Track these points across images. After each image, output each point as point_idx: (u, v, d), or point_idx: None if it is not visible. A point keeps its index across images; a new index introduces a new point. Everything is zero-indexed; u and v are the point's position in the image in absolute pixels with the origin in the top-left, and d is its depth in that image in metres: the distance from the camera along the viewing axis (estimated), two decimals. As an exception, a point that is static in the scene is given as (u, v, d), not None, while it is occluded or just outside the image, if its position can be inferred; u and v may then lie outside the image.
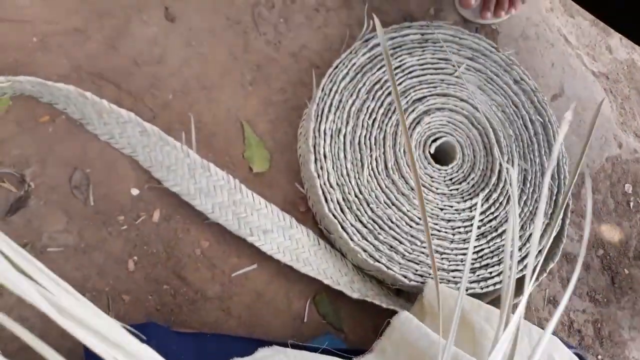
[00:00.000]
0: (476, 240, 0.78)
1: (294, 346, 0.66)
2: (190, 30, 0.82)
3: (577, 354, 0.67)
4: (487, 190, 0.80)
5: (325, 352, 0.63)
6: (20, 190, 0.69)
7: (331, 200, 0.74)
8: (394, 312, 0.74)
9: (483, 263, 0.78)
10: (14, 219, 0.68)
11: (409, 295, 0.79)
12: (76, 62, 0.75)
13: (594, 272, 0.93)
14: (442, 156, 0.82)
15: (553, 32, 1.04)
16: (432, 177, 0.79)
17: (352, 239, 0.73)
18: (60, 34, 0.75)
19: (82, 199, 0.71)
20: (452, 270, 0.76)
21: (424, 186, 0.78)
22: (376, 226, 0.75)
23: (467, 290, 0.77)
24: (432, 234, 0.77)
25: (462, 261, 0.76)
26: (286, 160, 0.81)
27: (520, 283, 0.82)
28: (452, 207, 0.79)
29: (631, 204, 1.00)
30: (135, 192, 0.74)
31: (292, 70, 0.85)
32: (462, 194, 0.80)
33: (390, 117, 0.80)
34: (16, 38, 0.73)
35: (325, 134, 0.76)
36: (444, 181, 0.80)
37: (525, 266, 0.79)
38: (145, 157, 0.72)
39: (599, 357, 0.88)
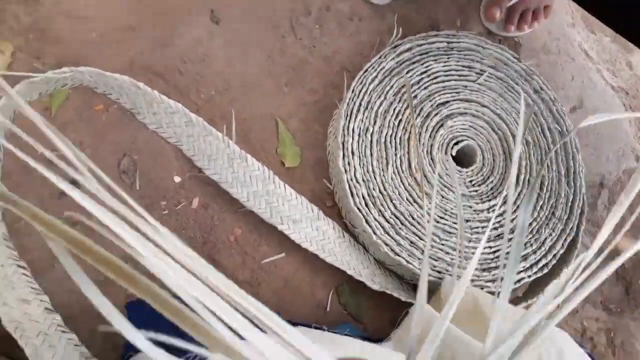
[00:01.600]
0: (492, 241, 0.82)
1: (317, 329, 0.71)
2: (233, 32, 0.89)
3: (588, 354, 0.70)
4: (505, 193, 0.85)
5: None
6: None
7: (357, 195, 0.79)
8: (411, 305, 0.79)
9: (498, 263, 0.82)
10: (68, 198, 0.75)
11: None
12: (129, 57, 0.82)
13: (608, 282, 0.96)
14: (463, 159, 0.87)
15: (574, 47, 1.08)
16: (452, 178, 0.84)
17: (375, 233, 0.78)
18: (117, 31, 0.82)
19: (129, 183, 0.78)
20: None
21: (444, 186, 0.83)
22: (398, 222, 0.80)
23: (482, 288, 0.81)
24: (449, 232, 0.81)
25: (479, 260, 0.81)
26: (315, 157, 0.87)
27: (539, 283, 0.86)
28: (471, 207, 0.83)
29: (646, 215, 1.03)
30: (177, 179, 0.80)
31: (324, 73, 0.91)
32: (480, 196, 0.84)
33: (415, 119, 0.85)
34: (78, 33, 0.81)
35: (353, 132, 0.81)
36: (464, 182, 0.85)
37: (541, 267, 0.83)
38: (189, 146, 0.79)
39: (609, 361, 0.91)
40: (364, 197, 0.79)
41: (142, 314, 0.60)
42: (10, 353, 0.59)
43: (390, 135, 0.83)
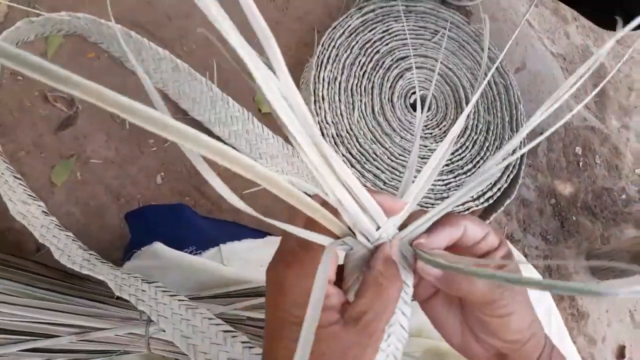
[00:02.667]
0: (446, 175, 0.94)
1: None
2: (212, -8, 0.97)
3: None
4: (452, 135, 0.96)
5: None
6: (70, 111, 0.83)
7: (327, 134, 0.89)
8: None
9: (449, 194, 0.93)
10: (64, 134, 0.82)
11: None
12: (119, 12, 0.90)
13: (546, 216, 1.10)
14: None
15: (519, 17, 1.21)
16: (410, 122, 0.95)
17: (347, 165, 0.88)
18: (106, -13, 0.90)
19: (120, 122, 0.86)
20: (424, 197, 0.91)
21: (404, 129, 0.94)
22: (363, 158, 0.90)
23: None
24: (405, 167, 0.92)
25: (432, 190, 0.92)
26: (289, 105, 0.97)
27: (487, 212, 0.98)
28: (426, 147, 0.95)
29: (580, 163, 1.17)
30: (163, 120, 0.88)
31: (296, 32, 1.01)
32: (434, 137, 0.96)
33: (378, 71, 0.95)
34: (70, -12, 0.88)
35: (323, 80, 0.91)
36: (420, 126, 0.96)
37: (487, 199, 0.95)
38: (175, 90, 0.87)
39: (548, 286, 1.04)
40: (333, 137, 0.90)
41: (140, 221, 0.69)
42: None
43: (356, 84, 0.94)
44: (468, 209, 0.93)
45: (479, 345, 0.31)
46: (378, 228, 0.28)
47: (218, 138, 0.88)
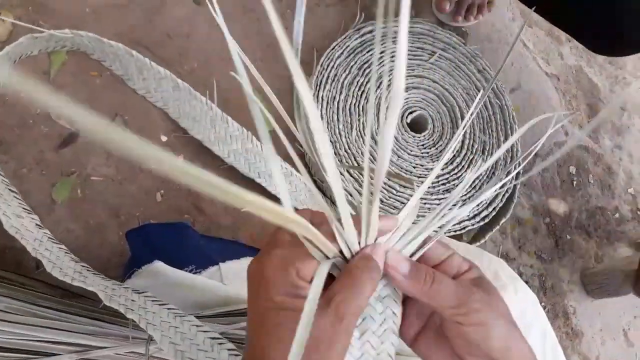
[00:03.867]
0: (442, 194, 0.95)
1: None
2: (212, 13, 0.99)
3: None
4: (452, 155, 0.98)
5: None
6: (72, 128, 0.84)
7: (325, 153, 0.90)
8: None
9: (446, 212, 0.94)
10: (65, 151, 0.83)
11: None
12: (121, 30, 0.91)
13: (541, 235, 1.11)
14: (416, 126, 1.00)
15: (513, 38, 1.24)
16: (407, 142, 0.97)
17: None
18: (109, 7, 0.91)
19: (121, 140, 0.87)
20: (419, 216, 0.92)
21: (401, 148, 0.95)
22: (361, 177, 0.91)
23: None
24: (405, 186, 0.93)
25: (429, 209, 0.93)
26: (287, 125, 0.98)
27: (482, 232, 0.99)
28: (422, 166, 0.96)
29: (574, 182, 1.18)
30: (164, 138, 0.89)
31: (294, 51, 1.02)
32: (431, 157, 0.97)
33: (375, 91, 0.97)
34: (73, 8, 0.89)
35: (322, 100, 0.93)
36: (417, 146, 0.97)
37: (482, 218, 0.96)
38: (175, 109, 0.88)
39: (543, 304, 1.05)
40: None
41: (141, 239, 0.70)
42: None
43: (354, 104, 0.95)
44: (464, 228, 0.94)
45: None
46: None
47: (217, 157, 0.89)
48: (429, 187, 0.95)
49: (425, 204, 0.93)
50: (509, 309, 0.32)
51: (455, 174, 0.97)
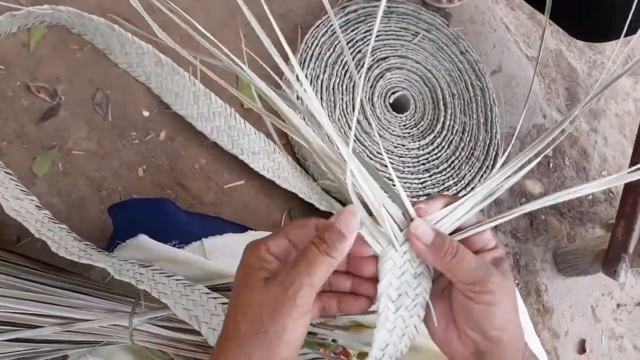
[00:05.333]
0: (422, 173, 0.97)
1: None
2: (197, -14, 0.98)
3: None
4: (432, 135, 1.00)
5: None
6: (53, 101, 0.83)
7: (308, 131, 0.91)
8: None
9: (425, 192, 0.97)
10: (46, 124, 0.82)
11: (366, 215, 0.97)
12: (102, 4, 0.90)
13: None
14: (398, 106, 1.01)
15: (496, 20, 1.25)
16: (389, 122, 0.98)
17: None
18: (90, -22, 0.90)
19: (102, 115, 0.86)
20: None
21: (383, 128, 0.97)
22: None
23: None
24: (386, 165, 0.95)
25: (408, 188, 0.95)
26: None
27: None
28: (404, 146, 0.97)
29: (550, 164, 1.21)
30: (146, 113, 0.89)
31: (280, 28, 1.02)
32: (412, 137, 0.99)
33: (359, 70, 0.98)
34: (53, -23, 0.87)
35: (306, 78, 0.93)
36: (399, 126, 0.99)
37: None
38: (158, 84, 0.88)
39: (516, 281, 1.09)
40: (313, 134, 0.92)
41: (123, 215, 0.70)
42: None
43: (338, 83, 0.96)
44: (442, 207, 0.96)
45: (459, 342, 0.33)
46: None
47: (200, 133, 0.89)
48: (409, 167, 0.97)
49: (405, 183, 0.95)
50: (516, 293, 0.33)
51: (436, 154, 0.99)
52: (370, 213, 0.32)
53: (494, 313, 0.31)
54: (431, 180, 0.97)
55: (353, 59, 0.98)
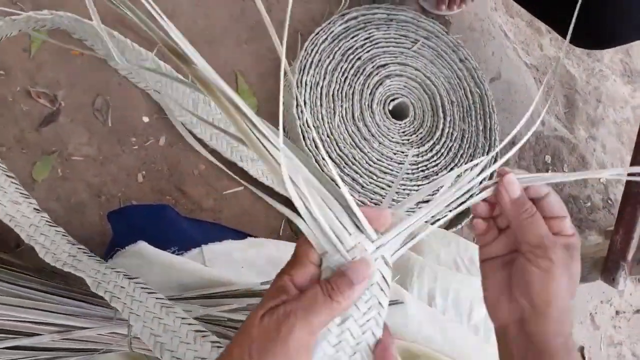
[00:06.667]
0: (421, 180, 0.97)
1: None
2: (197, -7, 0.98)
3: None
4: (431, 142, 1.00)
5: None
6: (52, 107, 0.83)
7: (308, 138, 0.91)
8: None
9: (425, 199, 0.96)
10: (46, 130, 0.83)
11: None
12: (102, 9, 0.90)
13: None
14: (398, 113, 1.01)
15: (495, 28, 1.25)
16: (389, 129, 0.98)
17: (322, 171, 0.91)
18: (91, -16, 0.90)
19: (102, 120, 0.86)
20: (399, 201, 0.94)
21: (382, 135, 0.97)
22: (342, 162, 0.93)
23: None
24: (385, 172, 0.95)
25: (407, 195, 0.95)
26: (270, 108, 0.98)
27: (458, 219, 1.02)
28: (403, 152, 0.98)
29: (549, 171, 1.22)
30: (146, 119, 0.89)
31: (280, 34, 1.02)
32: (411, 144, 0.99)
33: (359, 77, 0.98)
34: (54, -16, 0.87)
35: (305, 84, 0.93)
36: (398, 133, 0.99)
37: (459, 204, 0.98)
38: (157, 90, 0.88)
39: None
40: (314, 140, 0.92)
41: (123, 221, 0.70)
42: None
43: (337, 90, 0.96)
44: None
45: (508, 308, 0.36)
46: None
47: (200, 140, 0.89)
48: (408, 173, 0.97)
49: (404, 189, 0.95)
50: (577, 281, 0.35)
51: (435, 161, 0.99)
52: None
53: (548, 282, 0.33)
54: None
55: (352, 65, 0.98)
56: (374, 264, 0.31)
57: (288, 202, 0.29)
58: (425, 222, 0.36)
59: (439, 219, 0.38)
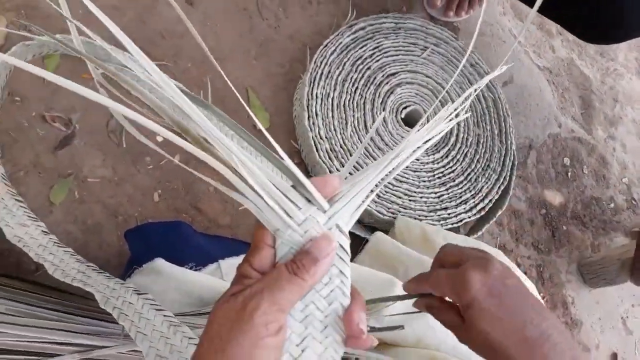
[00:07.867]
0: (438, 187, 0.96)
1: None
2: (205, 12, 0.99)
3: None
4: (446, 149, 0.98)
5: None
6: (67, 130, 0.84)
7: (321, 149, 0.91)
8: (368, 240, 0.90)
9: (442, 206, 0.95)
10: (61, 153, 0.83)
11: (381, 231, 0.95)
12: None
13: (537, 227, 1.12)
14: (410, 120, 1.00)
15: (505, 32, 1.25)
16: (402, 137, 0.97)
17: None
18: (101, 8, 0.91)
19: (116, 142, 0.87)
20: (417, 210, 0.93)
21: (396, 143, 0.96)
22: (356, 172, 0.92)
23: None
24: (401, 181, 0.94)
25: (425, 203, 0.94)
26: (283, 121, 0.98)
27: (479, 224, 1.00)
28: (418, 160, 0.96)
29: (569, 174, 1.19)
30: (159, 138, 0.89)
31: (289, 49, 1.03)
32: (426, 151, 0.98)
33: (369, 87, 0.98)
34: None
35: (316, 96, 0.93)
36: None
37: (479, 210, 0.97)
38: (169, 110, 0.88)
39: (541, 294, 1.06)
40: (327, 152, 0.91)
41: (140, 239, 0.70)
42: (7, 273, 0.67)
43: (348, 100, 0.96)
44: (461, 221, 0.94)
45: None
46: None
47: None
48: (425, 181, 0.95)
49: (421, 197, 0.94)
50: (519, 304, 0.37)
51: (451, 167, 0.98)
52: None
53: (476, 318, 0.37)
54: (448, 194, 0.96)
55: (362, 75, 0.98)
56: (334, 237, 0.30)
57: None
58: (376, 185, 0.35)
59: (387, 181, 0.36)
